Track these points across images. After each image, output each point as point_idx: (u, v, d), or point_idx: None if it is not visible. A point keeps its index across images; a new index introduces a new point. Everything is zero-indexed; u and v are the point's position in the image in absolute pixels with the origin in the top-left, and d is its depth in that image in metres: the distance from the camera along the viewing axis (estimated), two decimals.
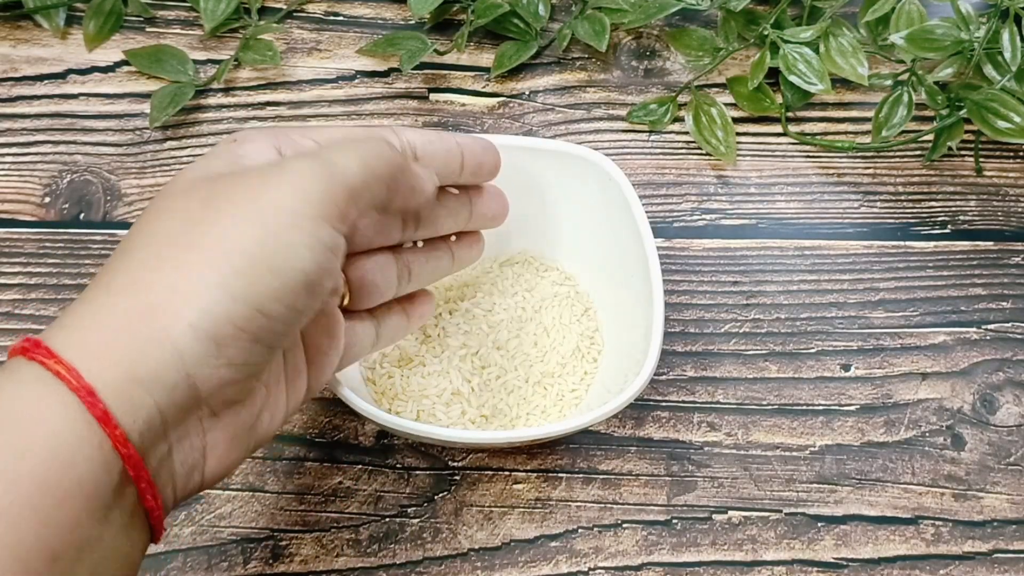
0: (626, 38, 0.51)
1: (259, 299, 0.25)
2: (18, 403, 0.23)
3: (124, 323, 0.25)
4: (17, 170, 0.46)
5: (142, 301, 0.25)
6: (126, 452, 0.24)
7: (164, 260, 0.25)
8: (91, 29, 0.49)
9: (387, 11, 0.51)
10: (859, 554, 0.39)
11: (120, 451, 0.24)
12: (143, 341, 0.24)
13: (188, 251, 0.25)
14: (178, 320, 0.24)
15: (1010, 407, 0.42)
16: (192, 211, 0.26)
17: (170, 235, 0.26)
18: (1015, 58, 0.44)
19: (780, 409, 0.42)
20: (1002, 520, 0.40)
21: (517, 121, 0.48)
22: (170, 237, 0.26)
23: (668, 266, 0.44)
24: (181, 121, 0.48)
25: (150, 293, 0.25)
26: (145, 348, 0.24)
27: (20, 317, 0.42)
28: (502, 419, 0.39)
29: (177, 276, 0.25)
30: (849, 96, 0.50)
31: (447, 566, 0.38)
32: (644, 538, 0.39)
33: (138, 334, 0.24)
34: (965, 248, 0.46)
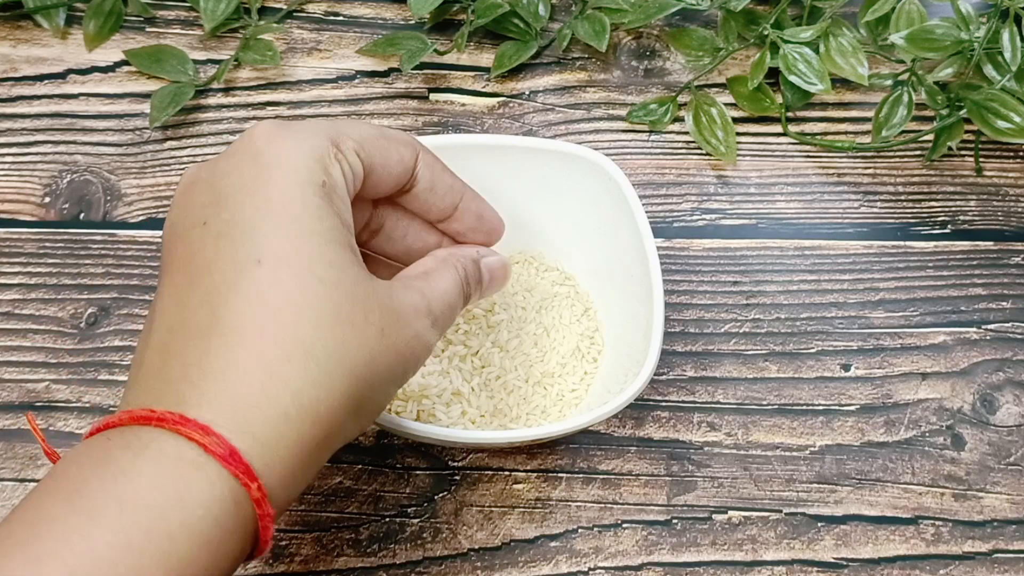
0: (626, 38, 0.51)
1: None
2: (182, 486, 0.23)
3: (247, 381, 0.25)
4: (17, 170, 0.46)
5: (254, 354, 0.25)
6: (263, 512, 0.25)
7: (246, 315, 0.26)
8: (91, 29, 0.49)
9: (387, 11, 0.51)
10: (859, 554, 0.39)
11: (259, 507, 0.24)
12: (270, 399, 0.25)
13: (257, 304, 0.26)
14: (288, 370, 0.25)
15: (1010, 407, 0.42)
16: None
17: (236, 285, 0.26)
18: (1015, 58, 0.44)
19: (780, 409, 0.42)
20: (1002, 520, 0.40)
21: (517, 121, 0.48)
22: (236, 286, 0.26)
23: (668, 266, 0.44)
24: (181, 121, 0.48)
25: (255, 352, 0.25)
26: (273, 405, 0.25)
27: (20, 317, 0.42)
28: (502, 419, 0.39)
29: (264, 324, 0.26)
30: (849, 96, 0.50)
31: (447, 566, 0.38)
32: (644, 538, 0.39)
33: (263, 393, 0.25)
34: (965, 248, 0.46)
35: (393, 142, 0.31)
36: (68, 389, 0.41)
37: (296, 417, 0.25)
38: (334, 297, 0.26)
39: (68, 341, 0.42)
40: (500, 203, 0.41)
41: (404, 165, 0.31)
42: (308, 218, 0.26)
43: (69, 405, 0.41)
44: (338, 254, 0.27)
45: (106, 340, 0.42)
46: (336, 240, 0.27)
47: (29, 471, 0.39)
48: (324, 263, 0.26)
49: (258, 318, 0.25)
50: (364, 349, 0.26)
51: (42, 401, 0.41)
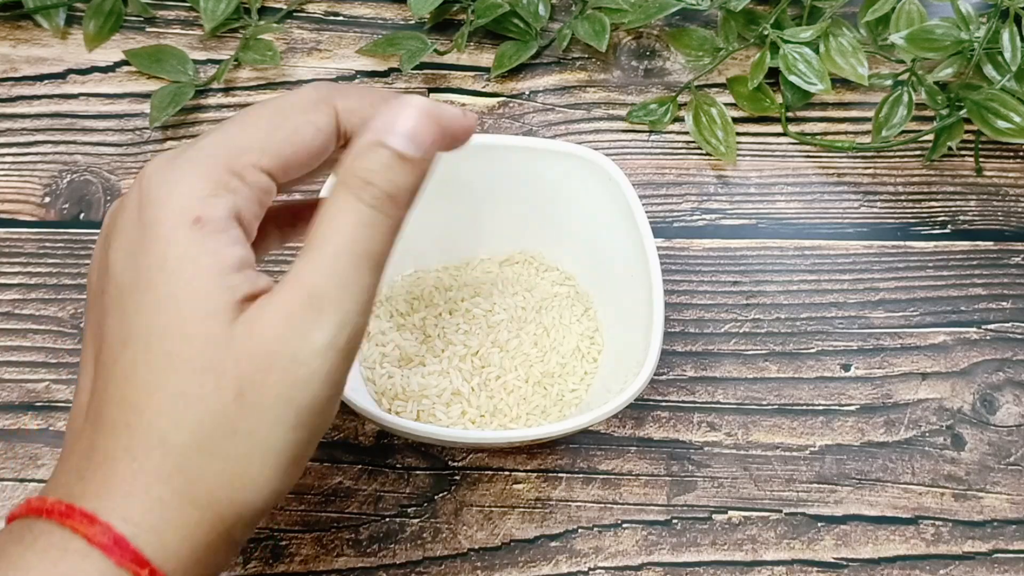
0: (626, 38, 0.51)
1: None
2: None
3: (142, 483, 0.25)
4: (17, 170, 0.46)
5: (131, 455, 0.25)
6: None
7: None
8: (91, 29, 0.49)
9: (387, 11, 0.51)
10: (859, 554, 0.39)
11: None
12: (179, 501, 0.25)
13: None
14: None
15: (1010, 407, 0.42)
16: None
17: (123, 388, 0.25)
18: (1015, 58, 0.44)
19: (780, 409, 0.42)
20: (1002, 520, 0.40)
21: (517, 121, 0.48)
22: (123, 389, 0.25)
23: (668, 266, 0.44)
24: (181, 121, 0.48)
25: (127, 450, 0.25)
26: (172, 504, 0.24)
27: (20, 317, 0.42)
28: (502, 419, 0.39)
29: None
30: (849, 96, 0.50)
31: (447, 566, 0.38)
32: (644, 538, 0.39)
33: (174, 496, 0.25)
34: (965, 248, 0.46)
35: (299, 114, 0.27)
36: (68, 389, 0.41)
37: (173, 503, 0.24)
38: (183, 372, 0.25)
39: (68, 341, 0.42)
40: (500, 203, 0.42)
41: (323, 134, 0.27)
42: (169, 280, 0.25)
43: (69, 405, 0.41)
44: (195, 313, 0.25)
45: None
46: (197, 294, 0.25)
47: (29, 471, 0.39)
48: (176, 335, 0.25)
49: (123, 407, 0.25)
50: (223, 423, 0.24)
51: (42, 401, 0.41)
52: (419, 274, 0.43)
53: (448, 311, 0.41)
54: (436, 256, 0.43)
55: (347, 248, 0.25)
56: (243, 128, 0.26)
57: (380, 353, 0.40)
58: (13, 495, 0.39)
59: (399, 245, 0.42)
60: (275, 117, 0.27)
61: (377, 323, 0.41)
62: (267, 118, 0.27)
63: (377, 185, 0.26)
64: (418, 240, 0.42)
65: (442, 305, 0.41)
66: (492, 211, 0.42)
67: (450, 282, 0.42)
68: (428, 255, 0.43)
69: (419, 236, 0.42)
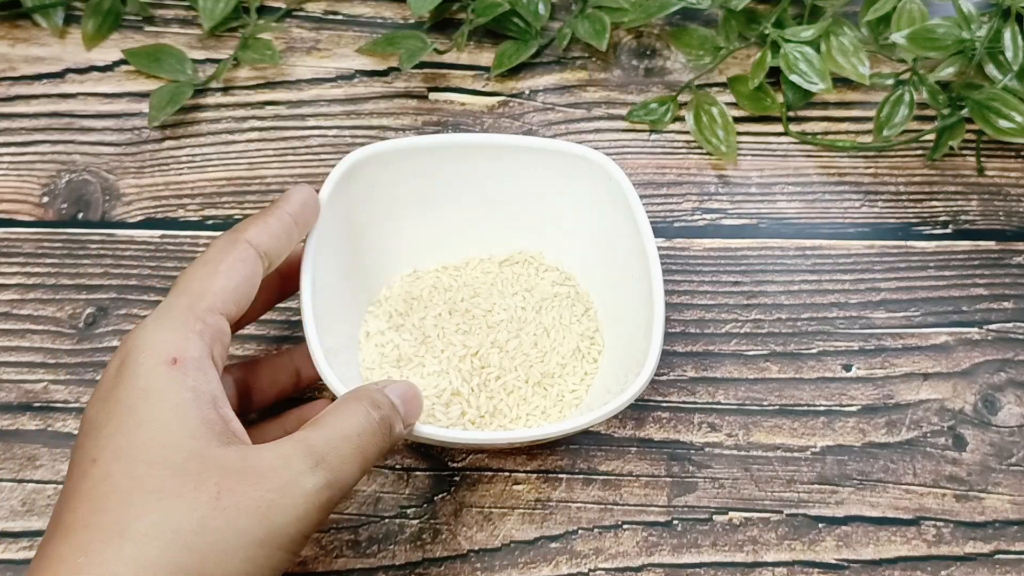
0: (626, 37, 0.51)
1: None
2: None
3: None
4: (15, 170, 0.46)
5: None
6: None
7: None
8: (89, 28, 0.49)
9: (386, 10, 0.51)
10: (860, 555, 0.39)
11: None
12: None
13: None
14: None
15: (1012, 407, 0.42)
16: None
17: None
18: (1017, 57, 0.44)
19: (781, 410, 0.41)
20: (1004, 521, 0.39)
21: (517, 120, 0.48)
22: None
23: (668, 266, 0.44)
24: (180, 120, 0.48)
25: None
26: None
27: (18, 317, 0.42)
28: (502, 420, 0.39)
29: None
30: (850, 95, 0.49)
31: (447, 567, 0.38)
32: (644, 539, 0.39)
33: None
34: (967, 248, 0.46)
35: (225, 256, 0.32)
36: (66, 389, 0.41)
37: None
38: (160, 475, 0.27)
39: (66, 341, 0.42)
40: (500, 203, 0.42)
41: (250, 264, 0.33)
42: (149, 406, 0.28)
43: (67, 406, 0.40)
44: (176, 432, 0.28)
45: (104, 340, 0.42)
46: (179, 417, 0.28)
47: (27, 471, 0.39)
48: (157, 446, 0.28)
49: (84, 513, 0.27)
50: (190, 519, 0.27)
51: (40, 402, 0.41)
52: (418, 274, 0.42)
53: (447, 311, 0.41)
54: (435, 256, 0.43)
55: (352, 438, 0.30)
56: (190, 281, 0.32)
57: (379, 354, 0.40)
58: (11, 496, 0.39)
59: (398, 245, 0.42)
60: (209, 266, 0.32)
61: (376, 323, 0.41)
62: (204, 268, 0.32)
63: (382, 411, 0.31)
64: (417, 240, 0.42)
65: (441, 305, 0.41)
66: (492, 211, 0.42)
67: (449, 282, 0.42)
68: (427, 255, 0.42)
69: (418, 236, 0.42)
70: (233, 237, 0.33)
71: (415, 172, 0.40)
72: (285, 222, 0.34)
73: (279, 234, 0.34)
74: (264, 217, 0.34)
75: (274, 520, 0.28)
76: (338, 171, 0.38)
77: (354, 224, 0.40)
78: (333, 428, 0.30)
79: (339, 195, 0.38)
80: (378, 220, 0.41)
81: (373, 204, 0.40)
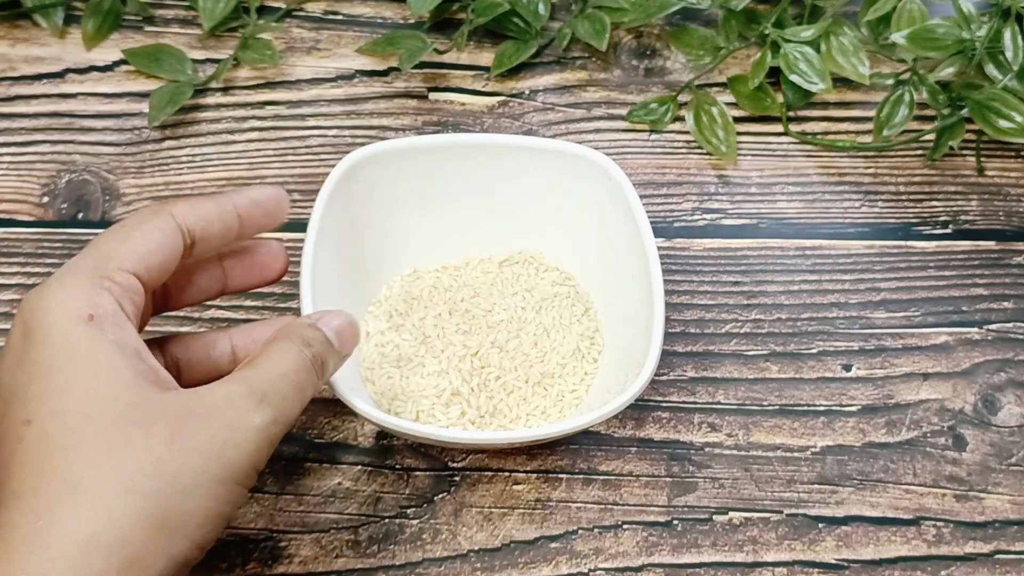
0: (626, 37, 0.51)
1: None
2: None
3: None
4: (15, 170, 0.46)
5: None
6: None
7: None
8: (89, 28, 0.49)
9: (386, 10, 0.51)
10: (860, 555, 0.39)
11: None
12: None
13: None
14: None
15: (1011, 407, 0.42)
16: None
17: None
18: (1017, 57, 0.44)
19: (781, 410, 0.41)
20: (1004, 521, 0.39)
21: (517, 120, 0.48)
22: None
23: (668, 266, 0.44)
24: (180, 120, 0.48)
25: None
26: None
27: None
28: (502, 420, 0.39)
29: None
30: (850, 95, 0.49)
31: (447, 567, 0.38)
32: (644, 539, 0.39)
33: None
34: (967, 248, 0.45)
35: (144, 223, 0.31)
36: None
37: (77, 555, 0.25)
38: (103, 426, 0.27)
39: None
40: (500, 203, 0.42)
41: (167, 234, 0.32)
42: (75, 363, 0.28)
43: None
44: (110, 384, 0.28)
45: None
46: (109, 370, 0.28)
47: None
48: (94, 400, 0.27)
49: (28, 476, 0.26)
50: (145, 465, 0.27)
51: None
52: (418, 274, 0.42)
53: (447, 311, 0.41)
54: (435, 256, 0.43)
55: (289, 375, 0.30)
56: (100, 243, 0.31)
57: (379, 354, 0.40)
58: None
59: (398, 245, 0.42)
60: (124, 230, 0.31)
61: (376, 323, 0.41)
62: (119, 232, 0.31)
63: (314, 348, 0.31)
64: (417, 240, 0.42)
65: (441, 305, 0.41)
66: (492, 211, 0.42)
67: (449, 282, 0.42)
68: (427, 255, 0.42)
69: (418, 236, 0.42)
70: (157, 207, 0.32)
71: (415, 172, 0.40)
72: (224, 209, 0.33)
73: (211, 218, 0.33)
74: (201, 198, 0.33)
75: (229, 457, 0.28)
76: (338, 171, 0.38)
77: (354, 224, 0.40)
78: (269, 368, 0.30)
79: (339, 195, 0.38)
80: (378, 220, 0.41)
81: (373, 204, 0.40)
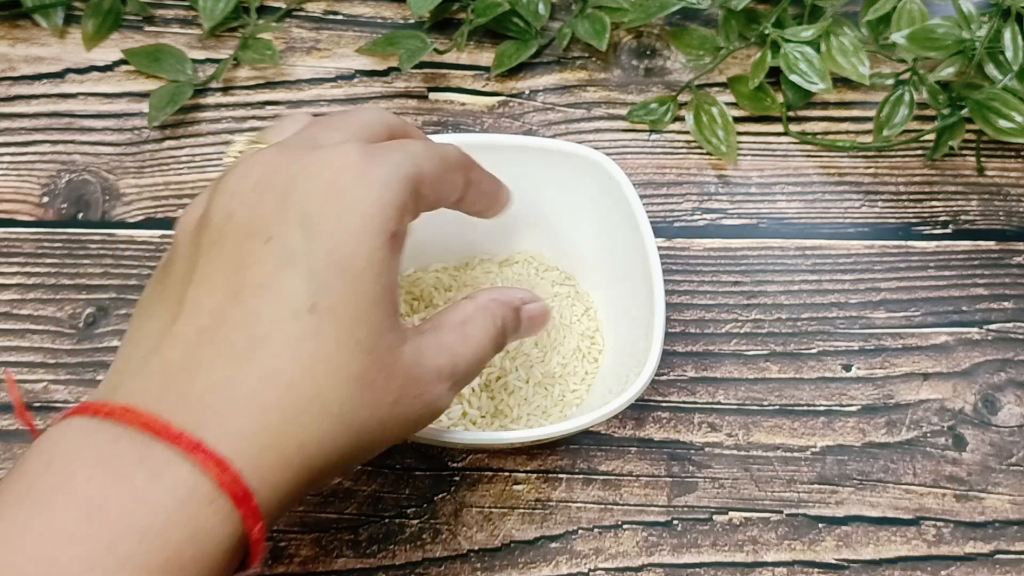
0: (626, 37, 0.51)
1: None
2: (164, 496, 0.23)
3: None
4: (15, 170, 0.46)
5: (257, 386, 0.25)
6: (257, 528, 0.24)
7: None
8: (89, 28, 0.49)
9: (386, 10, 0.51)
10: (860, 555, 0.39)
11: (250, 527, 0.24)
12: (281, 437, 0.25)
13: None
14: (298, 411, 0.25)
15: (1012, 407, 0.42)
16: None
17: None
18: (1016, 57, 0.44)
19: (781, 410, 0.41)
20: (1004, 521, 0.39)
21: (517, 120, 0.48)
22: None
23: (669, 266, 0.44)
24: (180, 120, 0.47)
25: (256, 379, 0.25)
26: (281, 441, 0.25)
27: (18, 317, 0.42)
28: (502, 420, 0.39)
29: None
30: (850, 95, 0.49)
31: (447, 567, 0.38)
32: (644, 539, 0.39)
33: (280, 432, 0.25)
34: (967, 248, 0.46)
35: (452, 171, 0.30)
36: (66, 389, 0.41)
37: (296, 466, 0.25)
38: (364, 362, 0.26)
39: (66, 341, 0.42)
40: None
41: (456, 194, 0.31)
42: (369, 275, 0.26)
43: (67, 405, 0.40)
44: (381, 318, 0.26)
45: (104, 340, 0.42)
46: (384, 300, 0.26)
47: None
48: (367, 325, 0.26)
49: (292, 367, 0.25)
50: (376, 415, 0.26)
51: (40, 402, 0.41)
52: (419, 274, 0.42)
53: None
54: (435, 256, 0.43)
55: (481, 363, 0.30)
56: (426, 156, 0.28)
57: None
58: None
59: None
60: (442, 163, 0.29)
61: None
62: (438, 160, 0.29)
63: (506, 337, 0.32)
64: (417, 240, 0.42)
65: (442, 305, 0.41)
66: None
67: (450, 282, 0.42)
68: (428, 255, 0.42)
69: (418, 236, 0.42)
70: (465, 163, 0.31)
71: None
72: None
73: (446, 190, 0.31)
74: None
75: (411, 430, 0.28)
76: None
77: None
78: (474, 348, 0.30)
79: None
80: None
81: None
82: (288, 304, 0.25)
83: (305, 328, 0.25)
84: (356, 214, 0.26)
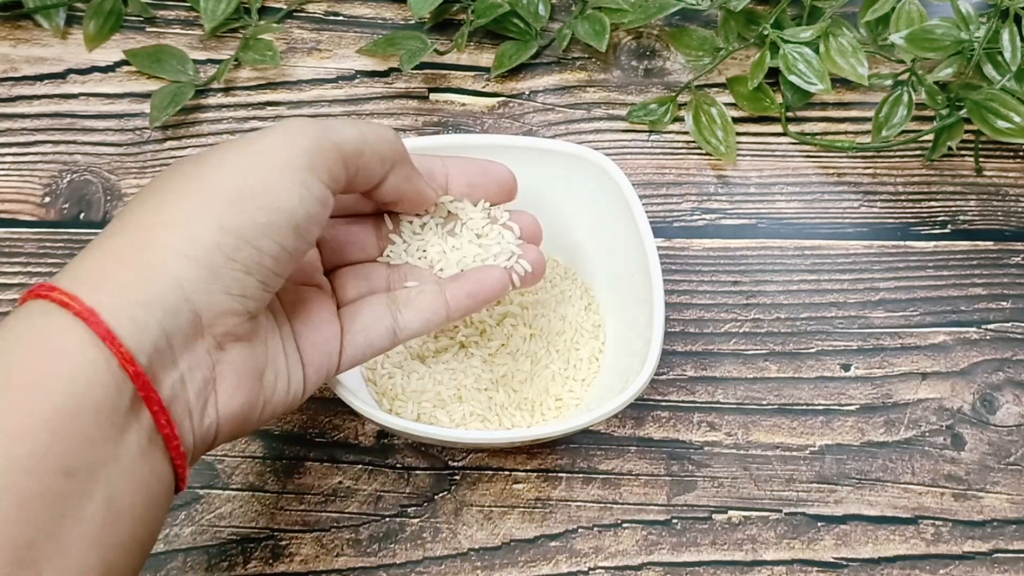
0: (626, 38, 0.51)
1: (246, 231, 0.27)
2: (27, 333, 0.25)
3: (122, 257, 0.26)
4: (17, 170, 0.46)
5: (137, 237, 0.26)
6: (133, 370, 0.25)
7: (160, 204, 0.27)
8: (91, 29, 0.49)
9: (387, 11, 0.51)
10: (859, 554, 0.39)
11: (127, 369, 0.24)
12: (140, 269, 0.26)
13: (182, 193, 0.27)
14: (169, 248, 0.26)
15: (1010, 407, 0.42)
16: (189, 166, 0.28)
17: (167, 186, 0.28)
18: (1015, 58, 0.44)
19: (780, 409, 0.42)
20: (1002, 520, 0.40)
21: (517, 121, 0.48)
22: (167, 186, 0.28)
23: (668, 266, 0.44)
24: (181, 121, 0.48)
25: (144, 230, 0.27)
26: (142, 275, 0.26)
27: None
28: (503, 419, 0.39)
29: (169, 213, 0.27)
30: (849, 96, 0.50)
31: (447, 566, 0.38)
32: (644, 538, 0.39)
33: (135, 264, 0.26)
34: (965, 248, 0.46)
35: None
36: None
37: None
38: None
39: None
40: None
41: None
42: (260, 175, 0.28)
43: None
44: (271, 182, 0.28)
45: None
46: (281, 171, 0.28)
47: None
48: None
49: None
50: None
51: None
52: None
53: None
54: None
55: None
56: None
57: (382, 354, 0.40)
58: None
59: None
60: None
61: None
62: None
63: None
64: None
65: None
66: None
67: None
68: None
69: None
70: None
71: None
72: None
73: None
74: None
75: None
76: None
77: None
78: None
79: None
80: None
81: None
82: (199, 165, 0.28)
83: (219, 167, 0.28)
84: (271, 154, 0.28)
